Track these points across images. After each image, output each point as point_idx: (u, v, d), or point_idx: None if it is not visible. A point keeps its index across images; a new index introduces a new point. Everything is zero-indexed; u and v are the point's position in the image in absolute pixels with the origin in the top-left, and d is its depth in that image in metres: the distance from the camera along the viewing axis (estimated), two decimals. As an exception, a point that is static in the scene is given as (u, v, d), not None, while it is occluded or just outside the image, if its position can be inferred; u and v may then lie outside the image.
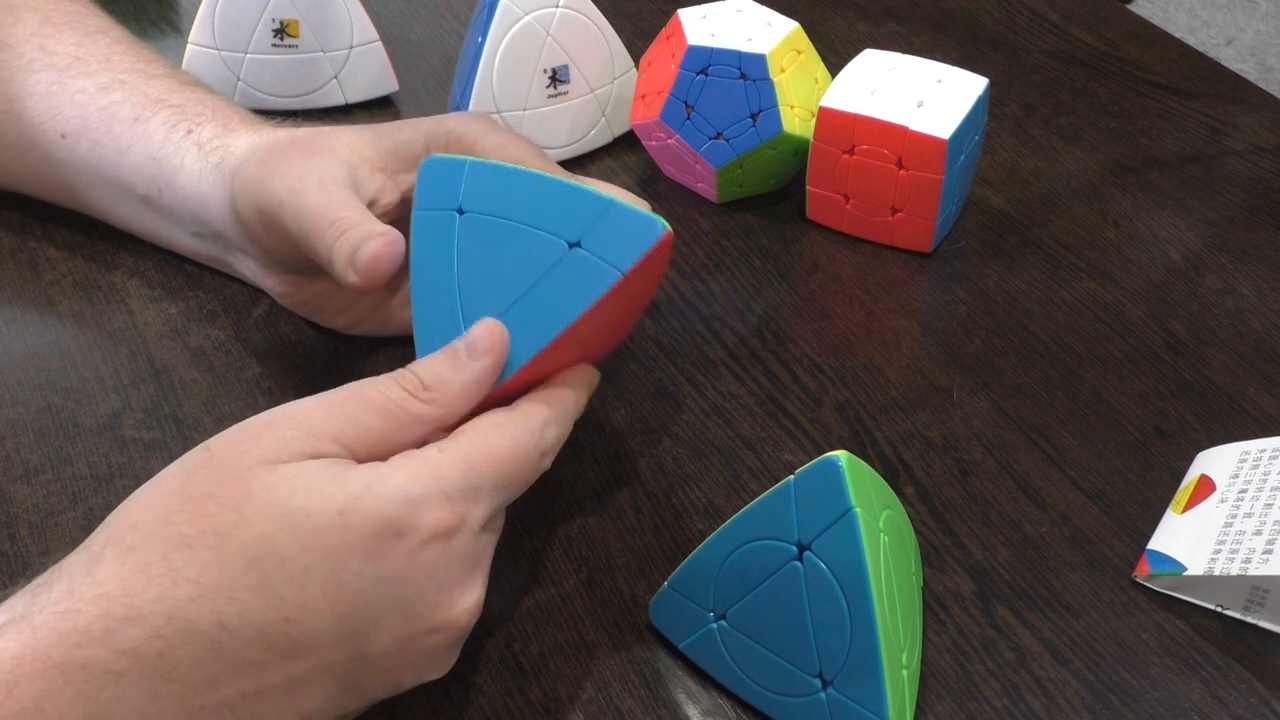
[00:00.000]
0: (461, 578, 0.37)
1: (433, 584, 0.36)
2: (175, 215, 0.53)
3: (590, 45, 0.62)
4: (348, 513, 0.34)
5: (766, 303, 0.57)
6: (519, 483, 0.39)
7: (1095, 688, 0.42)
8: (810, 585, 0.38)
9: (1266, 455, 0.47)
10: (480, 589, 0.38)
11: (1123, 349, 0.55)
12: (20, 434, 0.49)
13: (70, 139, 0.53)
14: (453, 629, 0.37)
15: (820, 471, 0.38)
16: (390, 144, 0.49)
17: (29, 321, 0.54)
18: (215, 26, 0.63)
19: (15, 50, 0.54)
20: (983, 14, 0.79)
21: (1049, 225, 0.62)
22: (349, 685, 0.36)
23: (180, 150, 0.51)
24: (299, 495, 0.34)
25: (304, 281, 0.52)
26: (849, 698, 0.38)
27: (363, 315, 0.52)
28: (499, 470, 0.38)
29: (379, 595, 0.35)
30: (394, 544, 0.35)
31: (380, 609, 0.35)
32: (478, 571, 0.38)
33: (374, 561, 0.35)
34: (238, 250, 0.53)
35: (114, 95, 0.53)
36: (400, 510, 0.35)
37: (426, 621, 0.36)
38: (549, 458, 0.40)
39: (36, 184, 0.56)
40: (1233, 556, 0.43)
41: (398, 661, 0.36)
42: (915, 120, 0.55)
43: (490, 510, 0.38)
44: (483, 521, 0.37)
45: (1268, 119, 0.70)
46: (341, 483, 0.35)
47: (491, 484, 0.37)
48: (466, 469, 0.37)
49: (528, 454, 0.38)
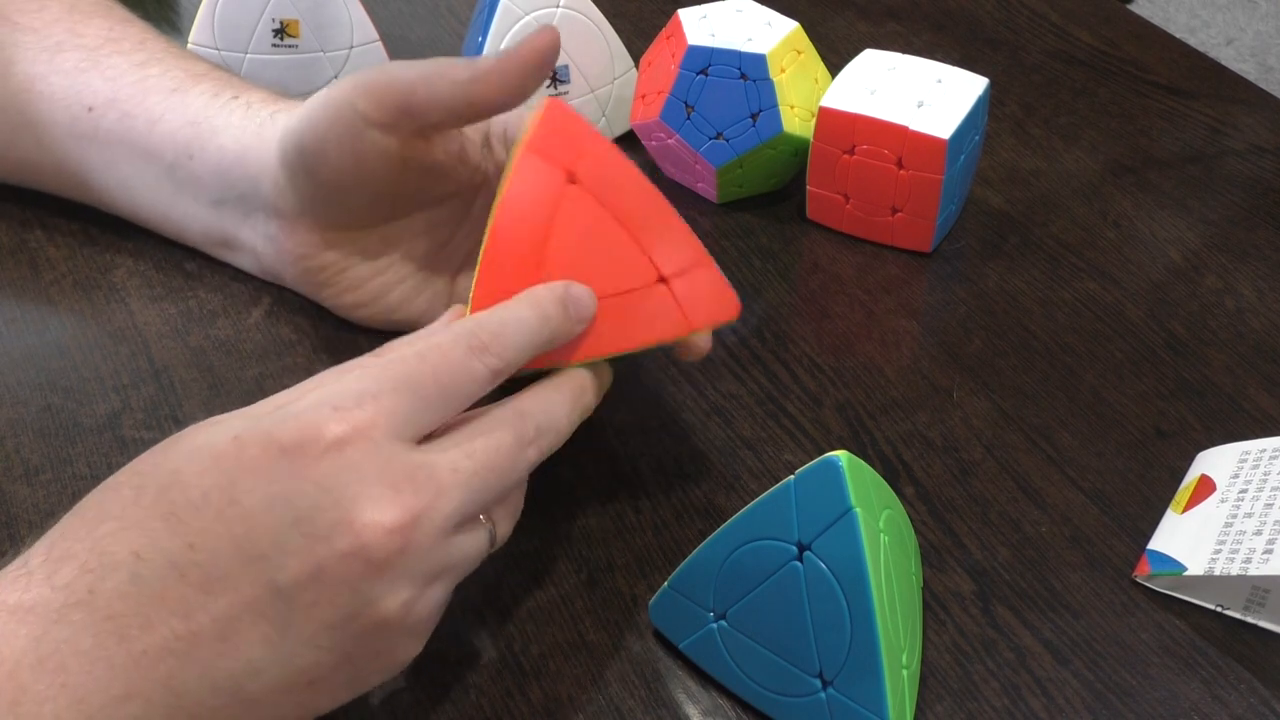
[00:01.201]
0: (362, 490, 0.35)
1: (328, 497, 0.35)
2: (201, 182, 0.53)
3: (590, 45, 0.62)
4: (241, 436, 0.35)
5: (766, 303, 0.57)
6: (433, 386, 0.37)
7: (1095, 688, 0.42)
8: (810, 585, 0.38)
9: (1266, 455, 0.47)
10: (395, 509, 0.35)
11: (1123, 349, 0.55)
12: (20, 434, 0.49)
13: (97, 111, 0.53)
14: (365, 553, 0.35)
15: (820, 471, 0.38)
16: None
17: (29, 321, 0.54)
18: (215, 26, 0.63)
19: (41, 33, 0.55)
20: (983, 14, 0.79)
21: (1049, 225, 0.62)
22: (282, 627, 0.34)
23: (225, 111, 0.52)
24: (208, 430, 0.36)
25: (322, 245, 0.51)
26: (849, 698, 0.38)
27: (371, 296, 0.52)
28: (397, 370, 0.37)
29: (274, 514, 0.34)
30: (283, 461, 0.35)
31: (277, 528, 0.34)
32: (383, 485, 0.35)
33: (264, 479, 0.35)
34: (258, 213, 0.52)
35: (151, 70, 0.54)
36: (286, 427, 0.35)
37: (332, 543, 0.34)
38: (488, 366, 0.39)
39: (45, 168, 0.56)
40: (1233, 556, 0.43)
41: (320, 597, 0.35)
42: (915, 120, 0.55)
43: (392, 413, 0.36)
44: (384, 427, 0.36)
45: (1268, 119, 0.70)
46: (244, 414, 0.37)
47: (390, 387, 0.36)
48: (359, 376, 0.37)
49: (441, 356, 0.38)
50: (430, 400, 0.37)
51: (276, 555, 0.34)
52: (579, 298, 0.43)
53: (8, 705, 0.31)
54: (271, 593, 0.34)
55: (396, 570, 0.35)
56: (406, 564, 0.36)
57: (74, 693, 0.32)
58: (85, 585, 0.33)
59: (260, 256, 0.54)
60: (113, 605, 0.33)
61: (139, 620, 0.33)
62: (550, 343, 0.42)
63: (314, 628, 0.35)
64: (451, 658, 0.42)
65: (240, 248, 0.55)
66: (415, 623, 0.37)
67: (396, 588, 0.36)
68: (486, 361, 0.39)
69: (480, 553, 0.39)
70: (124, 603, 0.33)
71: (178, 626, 0.33)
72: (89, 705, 0.32)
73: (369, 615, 0.35)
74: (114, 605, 0.33)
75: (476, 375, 0.39)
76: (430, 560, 0.36)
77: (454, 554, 0.37)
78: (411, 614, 0.37)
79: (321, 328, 0.54)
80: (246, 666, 0.34)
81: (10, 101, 0.55)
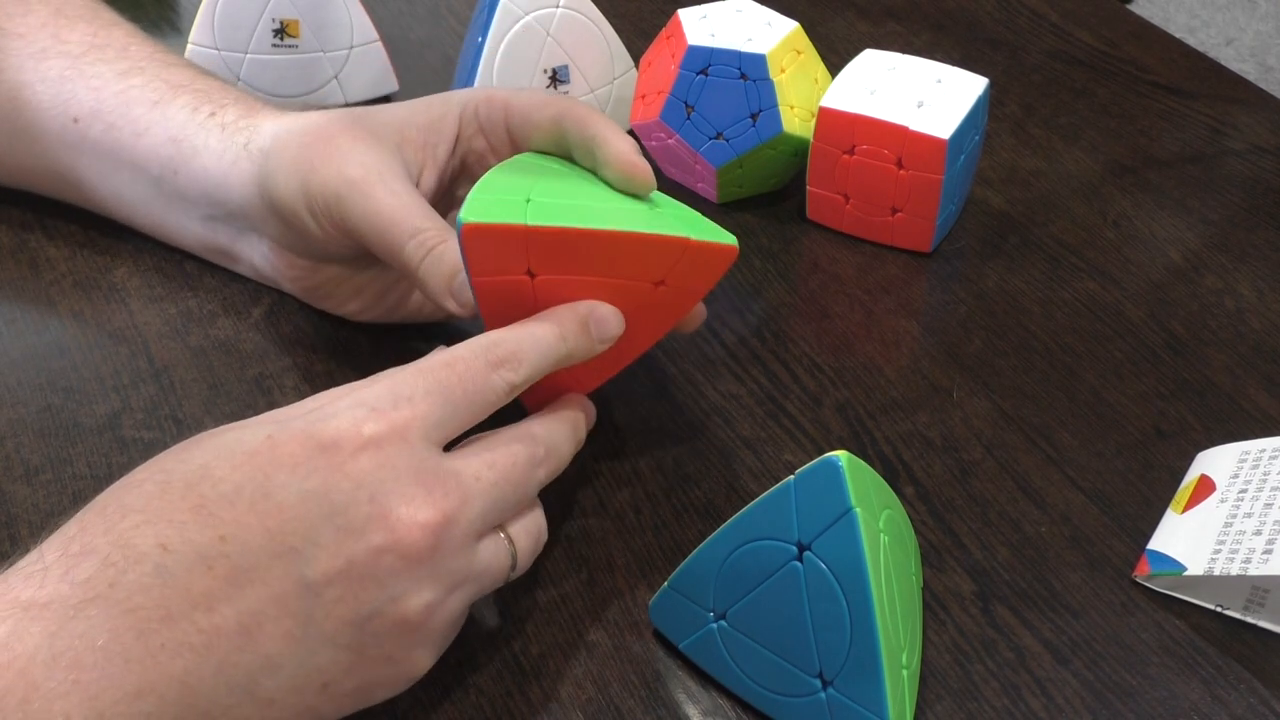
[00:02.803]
0: (397, 489, 0.36)
1: (363, 493, 0.35)
2: (189, 198, 0.53)
3: (590, 45, 0.62)
4: (275, 434, 0.36)
5: (766, 303, 0.57)
6: (460, 394, 0.38)
7: (1095, 688, 0.42)
8: (810, 585, 0.38)
9: (1266, 455, 0.47)
10: (429, 507, 0.36)
11: (1123, 349, 0.55)
12: (20, 434, 0.49)
13: (83, 123, 0.53)
14: (399, 548, 0.35)
15: (820, 471, 0.38)
16: (427, 120, 0.49)
17: (29, 321, 0.54)
18: (215, 26, 0.63)
19: (26, 39, 0.54)
20: (983, 14, 0.79)
21: (1049, 225, 0.62)
22: (304, 623, 0.35)
23: (203, 130, 0.52)
24: (235, 431, 0.37)
25: (316, 266, 0.52)
26: (849, 698, 0.38)
27: (371, 301, 0.53)
28: (429, 378, 0.38)
29: (308, 507, 0.35)
30: (320, 457, 0.36)
31: (311, 521, 0.35)
32: (417, 485, 0.36)
33: (300, 474, 0.35)
34: (251, 233, 0.53)
35: (132, 81, 0.53)
36: (324, 426, 0.36)
37: (366, 537, 0.35)
38: (505, 380, 0.39)
39: (41, 174, 0.56)
40: (1233, 556, 0.43)
41: (347, 593, 0.35)
42: (915, 120, 0.55)
43: (425, 417, 0.37)
44: (418, 429, 0.37)
45: (1268, 119, 0.70)
46: (270, 418, 0.37)
47: (423, 391, 0.37)
48: (392, 382, 0.37)
49: (466, 367, 0.38)
50: (458, 408, 0.38)
51: (308, 549, 0.35)
52: (604, 318, 0.43)
53: (17, 703, 0.31)
54: (300, 587, 0.35)
55: (425, 568, 0.36)
56: (435, 563, 0.36)
57: (86, 689, 0.31)
58: (106, 579, 0.33)
59: (258, 269, 0.54)
60: (134, 598, 0.33)
61: (160, 613, 0.33)
62: (568, 359, 0.42)
63: (336, 624, 0.35)
64: (451, 658, 0.42)
65: (237, 259, 0.55)
66: (433, 629, 0.37)
67: (423, 587, 0.36)
68: (504, 376, 0.39)
69: (501, 569, 0.39)
70: (145, 595, 0.33)
71: (200, 620, 0.33)
72: (101, 702, 0.31)
73: (392, 613, 0.36)
74: (135, 598, 0.33)
75: (495, 388, 0.39)
76: (457, 564, 0.37)
77: (477, 563, 0.38)
78: (432, 618, 0.37)
79: (321, 328, 0.54)
80: (265, 663, 0.34)
81: (2, 107, 0.54)
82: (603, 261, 0.42)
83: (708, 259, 0.44)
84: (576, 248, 0.41)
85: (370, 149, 0.47)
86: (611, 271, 0.42)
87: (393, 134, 0.48)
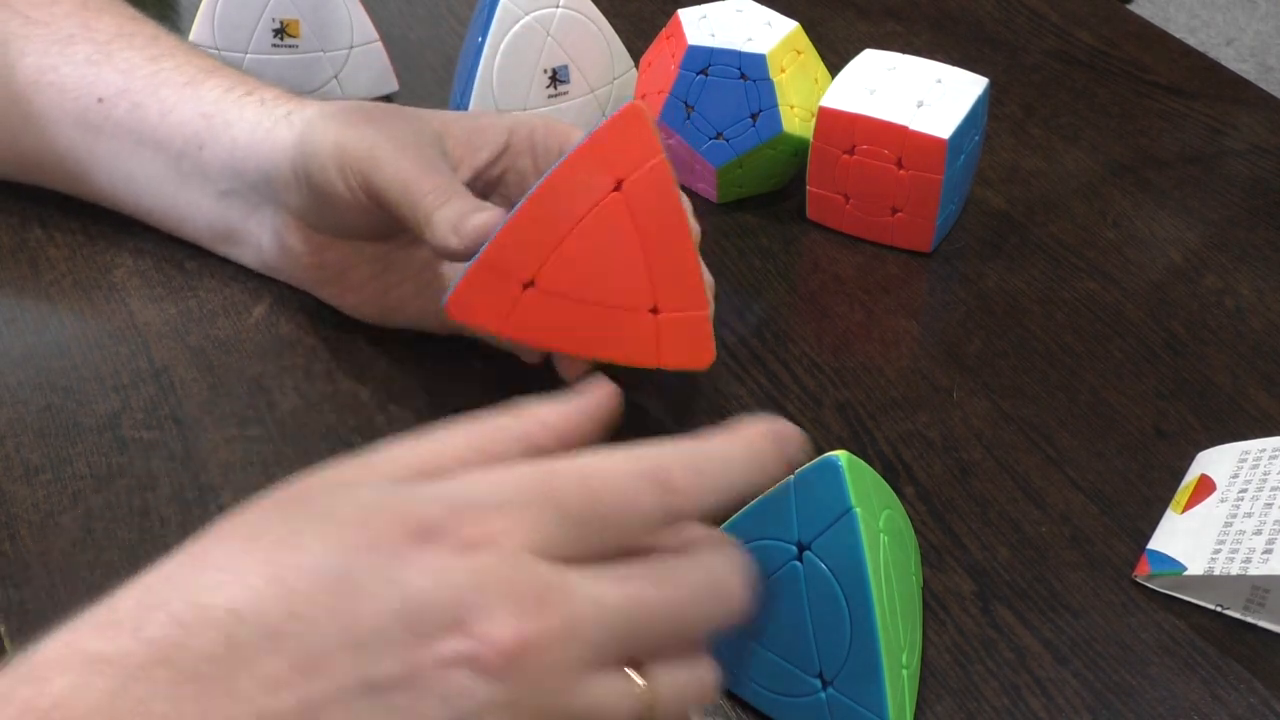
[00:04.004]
0: (481, 599, 0.31)
1: (445, 595, 0.31)
2: (209, 173, 0.53)
3: (590, 45, 0.62)
4: (371, 513, 0.32)
5: (766, 303, 0.57)
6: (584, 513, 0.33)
7: (1095, 688, 0.42)
8: (810, 585, 0.38)
9: (1266, 455, 0.47)
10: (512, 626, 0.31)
11: (1123, 349, 0.55)
12: (20, 434, 0.49)
13: (108, 102, 0.54)
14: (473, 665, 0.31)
15: (820, 471, 0.38)
16: (474, 125, 0.50)
17: (29, 321, 0.54)
18: (215, 26, 0.63)
19: (52, 27, 0.55)
20: (983, 14, 0.78)
21: (1049, 225, 0.62)
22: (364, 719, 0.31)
23: (239, 105, 0.53)
24: (333, 492, 0.33)
25: (325, 245, 0.52)
26: (849, 698, 0.38)
27: (371, 297, 0.53)
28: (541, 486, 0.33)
29: (383, 599, 0.31)
30: (408, 546, 0.32)
31: (383, 614, 0.31)
32: (507, 598, 0.31)
33: (383, 559, 0.32)
34: (266, 207, 0.53)
35: (164, 64, 0.54)
36: (422, 511, 0.32)
37: (436, 646, 0.31)
38: (656, 514, 0.33)
39: (46, 163, 0.56)
40: (1233, 556, 0.43)
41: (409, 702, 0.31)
42: (915, 120, 0.55)
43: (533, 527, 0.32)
44: (520, 538, 0.32)
45: (1268, 119, 0.70)
46: (372, 478, 0.33)
47: (536, 500, 0.33)
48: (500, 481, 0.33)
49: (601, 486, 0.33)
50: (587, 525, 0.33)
51: (375, 644, 0.31)
52: (789, 437, 0.36)
53: None
54: (363, 686, 0.31)
55: (502, 694, 0.31)
56: (515, 690, 0.31)
57: None
58: (174, 640, 0.30)
59: (263, 251, 0.54)
60: (200, 667, 0.30)
61: (224, 688, 0.30)
62: (756, 486, 0.36)
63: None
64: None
65: (243, 241, 0.55)
66: None
67: (498, 715, 0.31)
68: (668, 501, 0.33)
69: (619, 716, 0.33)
70: (212, 665, 0.30)
71: (262, 703, 0.30)
72: None
73: None
74: (201, 667, 0.30)
75: (647, 512, 0.33)
76: (546, 698, 0.32)
77: (577, 703, 0.32)
78: None
79: (321, 328, 0.54)
80: None
81: (19, 94, 0.55)
82: (662, 238, 0.45)
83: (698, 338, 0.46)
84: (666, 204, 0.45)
85: (413, 126, 0.49)
86: (654, 249, 0.45)
87: (437, 123, 0.50)
